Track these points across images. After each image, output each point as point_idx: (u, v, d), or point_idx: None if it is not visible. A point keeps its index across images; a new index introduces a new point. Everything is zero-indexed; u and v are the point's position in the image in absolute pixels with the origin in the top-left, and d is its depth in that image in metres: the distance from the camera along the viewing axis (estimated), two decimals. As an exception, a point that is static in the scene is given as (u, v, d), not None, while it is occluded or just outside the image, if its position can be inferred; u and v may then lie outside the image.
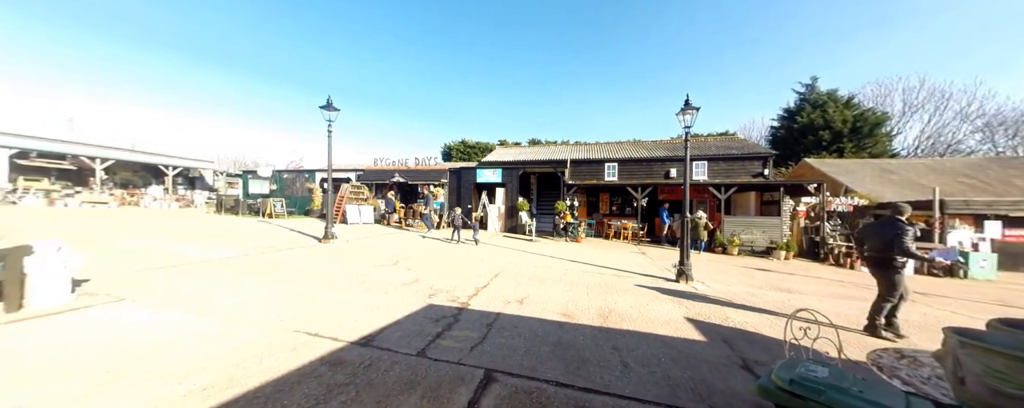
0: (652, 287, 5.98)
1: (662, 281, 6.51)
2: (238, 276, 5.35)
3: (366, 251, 8.39)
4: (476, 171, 16.23)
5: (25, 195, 15.68)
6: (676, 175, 15.38)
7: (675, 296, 5.43)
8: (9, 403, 2.09)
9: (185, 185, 26.43)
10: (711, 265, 8.93)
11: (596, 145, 20.60)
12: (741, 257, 10.78)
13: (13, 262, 3.38)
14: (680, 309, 4.74)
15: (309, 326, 3.51)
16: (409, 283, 5.43)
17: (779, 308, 5.03)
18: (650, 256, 9.99)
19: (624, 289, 5.73)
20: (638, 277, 6.79)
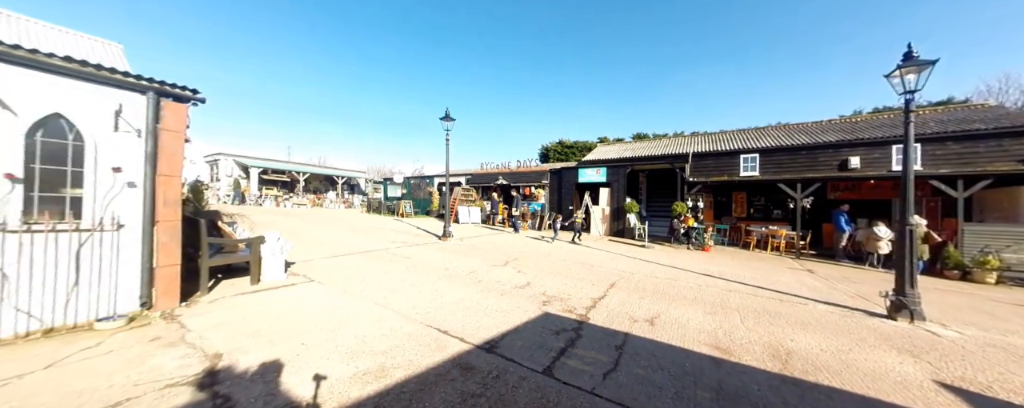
0: (847, 323, 4.26)
1: (862, 315, 4.60)
2: (383, 266, 6.32)
3: (478, 249, 8.91)
4: (577, 171, 15.57)
5: (265, 199, 23.30)
6: (858, 164, 11.15)
7: (897, 342, 3.68)
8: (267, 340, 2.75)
9: (348, 191, 34.51)
10: (949, 297, 5.97)
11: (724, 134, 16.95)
12: (1006, 289, 6.93)
13: (255, 248, 4.72)
14: (919, 365, 3.13)
15: (438, 322, 3.71)
16: (521, 286, 5.35)
17: None
18: (822, 275, 7.43)
19: (800, 321, 4.25)
20: (816, 305, 5.01)
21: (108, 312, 3.26)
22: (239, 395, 2.24)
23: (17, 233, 2.86)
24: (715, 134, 17.74)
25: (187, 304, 3.83)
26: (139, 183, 3.55)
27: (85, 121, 3.26)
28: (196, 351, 2.77)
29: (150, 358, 2.63)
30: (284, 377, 2.48)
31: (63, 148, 3.17)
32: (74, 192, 3.21)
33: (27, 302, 2.89)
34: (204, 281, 4.19)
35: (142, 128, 3.62)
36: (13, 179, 2.87)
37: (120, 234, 3.40)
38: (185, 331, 3.14)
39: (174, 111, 3.89)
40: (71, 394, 2.13)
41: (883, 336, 3.82)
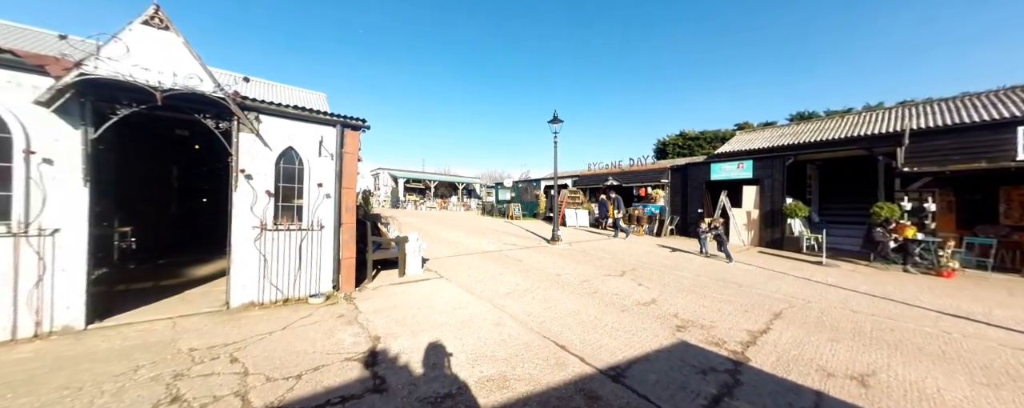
0: None
1: None
2: (498, 268, 6.63)
3: (589, 255, 8.42)
4: (709, 167, 12.99)
5: (407, 203, 28.76)
6: None
7: None
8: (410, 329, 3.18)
9: (466, 195, 39.08)
10: None
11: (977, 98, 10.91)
12: None
13: (402, 246, 5.65)
14: None
15: (555, 334, 3.51)
16: (646, 303, 4.65)
17: None
18: None
19: None
20: None
21: (315, 290, 4.41)
22: (391, 379, 2.56)
23: (271, 231, 4.17)
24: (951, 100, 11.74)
25: (359, 289, 4.85)
26: (332, 194, 4.70)
27: (304, 150, 4.51)
28: (363, 331, 3.40)
29: (337, 332, 3.36)
30: (423, 369, 2.73)
31: (292, 170, 4.46)
32: (298, 202, 4.48)
33: (276, 279, 4.17)
34: (369, 271, 5.25)
35: (334, 152, 4.77)
36: (270, 194, 4.19)
37: (322, 233, 4.56)
38: (357, 312, 3.93)
39: (351, 138, 5.00)
40: (294, 353, 2.87)
41: None
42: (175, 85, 3.52)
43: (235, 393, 2.29)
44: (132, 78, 3.29)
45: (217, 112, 3.91)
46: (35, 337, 2.97)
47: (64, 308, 3.13)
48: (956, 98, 11.59)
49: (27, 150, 3.06)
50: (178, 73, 3.59)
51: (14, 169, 3.03)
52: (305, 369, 2.63)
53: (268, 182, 4.21)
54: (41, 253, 3.07)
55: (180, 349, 2.87)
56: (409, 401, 2.30)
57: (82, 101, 3.25)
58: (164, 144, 6.72)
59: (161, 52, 3.55)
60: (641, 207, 14.66)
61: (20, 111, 3.06)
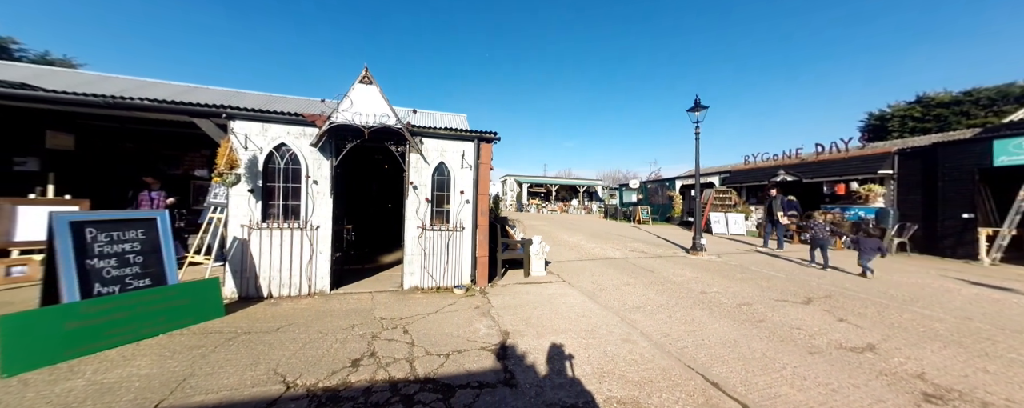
0: None
1: None
2: (625, 277, 6.09)
3: (748, 272, 6.67)
4: (990, 144, 8.09)
5: (531, 207, 30.50)
6: None
7: None
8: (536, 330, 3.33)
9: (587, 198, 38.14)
10: None
11: None
12: None
13: (526, 248, 5.96)
14: None
15: (704, 367, 2.89)
16: (856, 349, 3.27)
17: None
18: None
19: None
20: None
21: (458, 282, 5.18)
22: (520, 376, 2.69)
23: (429, 231, 5.17)
24: None
25: (491, 284, 5.41)
26: (471, 200, 5.44)
27: (450, 163, 5.41)
28: (495, 324, 3.73)
29: (474, 321, 3.82)
30: (548, 372, 2.74)
31: (442, 181, 5.41)
32: (446, 207, 5.39)
33: (431, 270, 5.14)
34: (498, 269, 5.78)
35: (472, 163, 5.52)
36: (428, 201, 5.22)
37: (463, 233, 5.34)
38: (490, 306, 4.37)
39: (485, 150, 5.66)
40: (443, 335, 3.43)
41: None
42: (375, 123, 4.86)
43: (406, 359, 2.90)
44: (353, 121, 4.75)
45: (397, 139, 5.17)
46: (308, 295, 4.66)
47: (321, 277, 4.79)
48: None
49: (307, 175, 4.86)
50: (376, 114, 4.95)
51: (301, 188, 4.85)
52: (452, 350, 3.08)
53: (427, 191, 5.24)
54: (312, 241, 4.80)
55: (375, 316, 3.89)
56: (536, 403, 2.34)
57: (330, 141, 4.91)
58: (368, 165, 9.44)
59: (368, 101, 4.96)
60: (838, 211, 10.59)
61: (305, 151, 4.89)
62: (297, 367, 2.72)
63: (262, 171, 4.64)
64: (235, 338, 3.23)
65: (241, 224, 4.49)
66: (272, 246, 4.58)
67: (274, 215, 4.69)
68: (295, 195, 4.79)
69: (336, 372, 2.65)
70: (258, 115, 4.64)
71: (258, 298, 4.42)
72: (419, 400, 2.33)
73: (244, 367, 2.70)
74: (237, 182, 4.40)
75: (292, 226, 4.68)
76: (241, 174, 4.44)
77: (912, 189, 9.43)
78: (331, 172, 4.92)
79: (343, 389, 2.43)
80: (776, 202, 9.36)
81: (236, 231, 4.47)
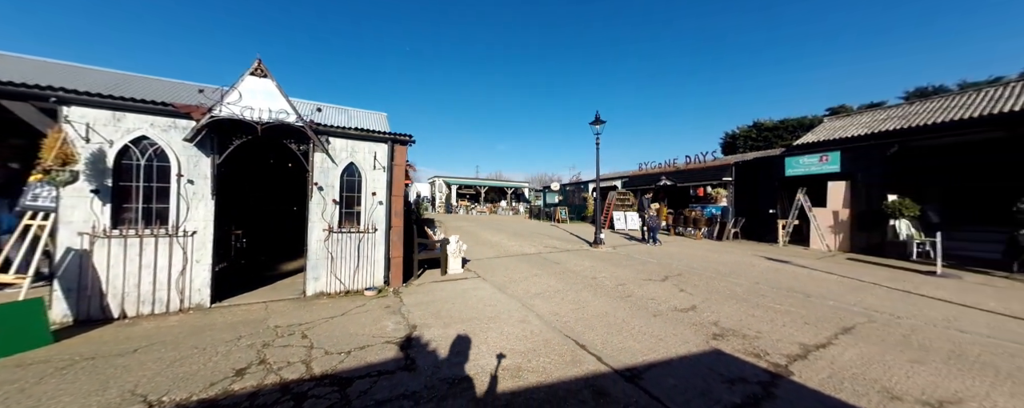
0: None
1: None
2: (534, 270, 6.80)
3: (632, 259, 8.09)
4: (783, 161, 11.41)
5: (460, 208, 30.54)
6: None
7: None
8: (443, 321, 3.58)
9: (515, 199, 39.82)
10: None
11: None
12: None
13: (443, 248, 6.19)
14: None
15: (577, 334, 3.58)
16: (683, 310, 4.40)
17: None
18: None
19: None
20: None
21: (370, 285, 5.12)
22: (421, 361, 2.94)
23: (337, 233, 4.99)
24: None
25: (406, 284, 5.48)
26: (384, 201, 5.42)
27: (362, 164, 5.31)
28: (405, 320, 3.89)
29: (382, 320, 3.91)
30: (447, 355, 3.06)
31: (353, 182, 5.28)
32: (357, 209, 5.27)
33: (339, 274, 4.97)
34: (415, 269, 5.88)
35: (385, 165, 5.51)
36: (336, 202, 5.03)
37: (376, 235, 5.29)
38: (401, 304, 4.48)
39: (400, 152, 5.71)
40: (346, 335, 3.45)
41: None
42: (271, 119, 4.50)
43: (302, 361, 2.88)
44: (242, 116, 4.32)
45: (299, 137, 4.87)
46: (180, 311, 4.06)
47: (197, 290, 4.21)
48: None
49: (179, 174, 4.23)
50: (272, 110, 4.59)
51: (170, 188, 4.20)
52: (354, 347, 3.16)
53: (335, 192, 5.05)
54: (186, 249, 4.19)
55: (269, 325, 3.66)
56: (432, 380, 2.63)
57: (211, 136, 4.36)
58: (265, 165, 8.40)
59: (262, 95, 4.57)
60: (699, 208, 13.44)
61: (176, 146, 4.25)
62: (163, 385, 2.48)
63: (113, 168, 3.89)
64: (72, 366, 2.72)
65: (79, 232, 3.69)
66: (127, 256, 3.87)
67: (130, 220, 3.96)
68: (162, 196, 4.13)
69: (215, 383, 2.51)
70: (107, 102, 3.88)
71: (105, 320, 3.69)
72: (313, 395, 2.39)
73: (88, 393, 2.34)
74: (73, 180, 3.61)
75: (157, 232, 4.03)
76: (79, 171, 3.65)
77: (743, 192, 12.64)
78: (212, 171, 4.38)
79: (224, 398, 2.34)
80: (644, 202, 11.48)
81: (71, 241, 3.65)
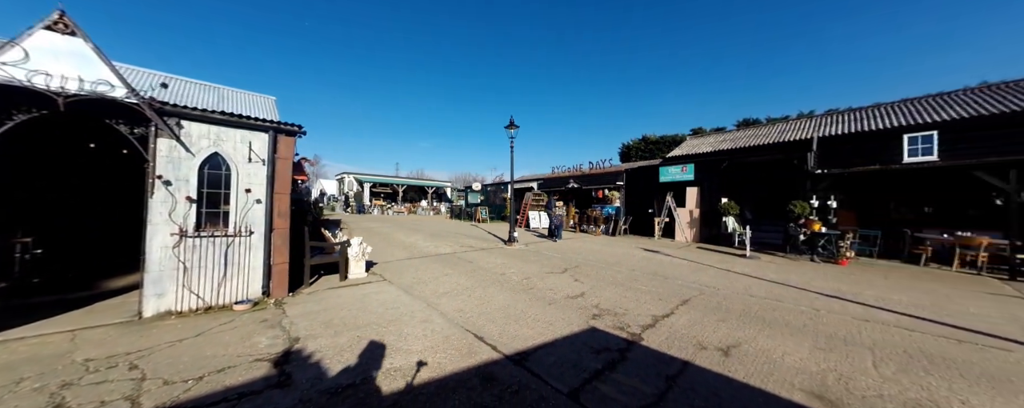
0: (1102, 390, 2.62)
1: None
2: (446, 269, 6.79)
3: (541, 255, 8.78)
4: (659, 169, 13.95)
5: (374, 208, 28.11)
6: None
7: None
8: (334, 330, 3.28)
9: (436, 199, 38.71)
10: None
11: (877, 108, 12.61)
12: None
13: (343, 251, 5.68)
14: None
15: (478, 327, 3.75)
16: (574, 297, 5.02)
17: None
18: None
19: (989, 375, 2.83)
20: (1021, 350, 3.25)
21: (242, 297, 4.36)
22: (298, 375, 2.68)
23: (193, 238, 4.10)
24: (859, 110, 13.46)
25: (293, 294, 4.84)
26: (263, 200, 4.68)
27: (231, 154, 4.48)
28: (284, 333, 3.46)
29: (254, 336, 3.39)
30: (333, 364, 2.86)
31: (218, 176, 4.41)
32: (225, 208, 4.43)
33: (197, 287, 4.10)
34: (306, 276, 5.24)
35: (265, 157, 4.77)
36: (191, 200, 4.13)
37: (251, 239, 4.53)
38: (283, 316, 3.96)
39: (286, 144, 5.01)
40: (201, 357, 2.90)
41: None
42: (81, 90, 3.44)
43: (125, 397, 2.31)
44: (29, 83, 3.19)
45: (132, 118, 3.83)
46: (-95, 357, 2.78)
47: (-58, 324, 2.95)
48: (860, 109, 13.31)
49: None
50: (86, 78, 3.51)
51: None
52: (209, 371, 2.68)
53: (190, 188, 4.14)
54: (-86, 267, 2.88)
55: (74, 360, 2.80)
56: (310, 393, 2.43)
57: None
58: (79, 150, 6.29)
59: (68, 57, 3.45)
60: (599, 208, 15.37)
61: None
62: None
63: None
64: None
65: None
66: None
67: None
68: None
69: (-35, 447, 1.83)
70: None
71: None
72: (138, 435, 1.96)
73: None
74: None
75: None
76: None
77: (632, 194, 15.01)
78: (-28, 155, 3.12)
79: (-20, 463, 1.73)
80: (551, 203, 12.74)
81: None
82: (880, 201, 10.42)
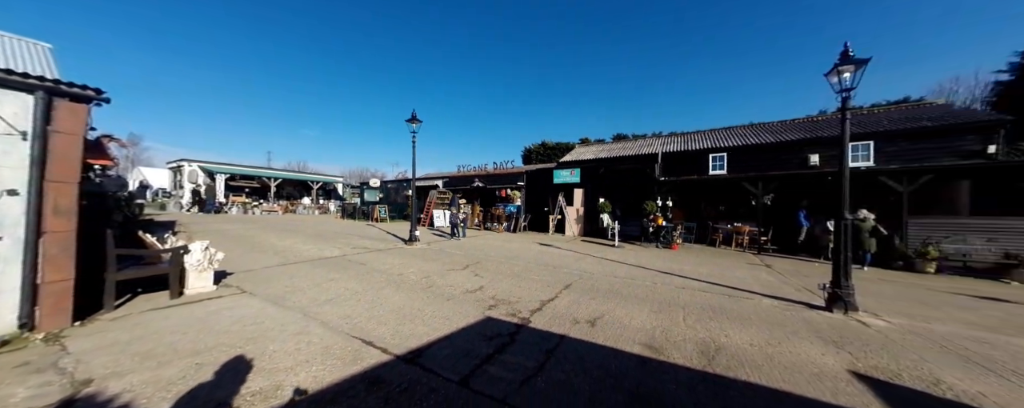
0: (785, 316, 4.31)
1: (802, 308, 4.68)
2: (331, 274, 6.03)
3: (443, 253, 8.70)
4: (553, 172, 15.62)
5: (232, 206, 22.30)
6: (818, 162, 11.61)
7: (827, 333, 3.74)
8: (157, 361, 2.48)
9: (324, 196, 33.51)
10: (887, 287, 6.21)
11: (696, 134, 17.33)
12: (943, 278, 7.28)
13: (177, 259, 4.38)
14: (840, 356, 3.16)
15: (367, 332, 3.50)
16: (473, 291, 5.19)
17: (1062, 376, 2.89)
18: (778, 271, 7.62)
19: (740, 316, 4.27)
20: (761, 299, 5.07)
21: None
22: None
23: None
24: (687, 134, 18.16)
25: (83, 323, 3.48)
26: (21, 190, 3.21)
27: (-52, 122, 2.91)
28: (63, 377, 2.47)
29: (3, 388, 2.32)
30: (152, 403, 2.22)
31: (-82, 152, 2.82)
32: (-68, 202, 2.85)
33: None
34: (110, 297, 3.83)
35: (28, 129, 3.28)
36: None
37: (2, 247, 3.05)
38: (62, 355, 2.82)
39: (71, 112, 3.56)
40: None
41: (815, 328, 3.87)
42: None
43: None
44: None
45: None
46: None
47: None
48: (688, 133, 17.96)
49: None
50: None
51: None
52: None
53: None
54: None
55: None
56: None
57: None
58: None
59: None
60: (502, 207, 16.18)
61: None
62: None
63: None
64: None
65: None
66: None
67: None
68: None
69: None
70: None
71: None
72: None
73: None
74: None
75: None
76: None
77: (531, 194, 16.37)
78: None
79: None
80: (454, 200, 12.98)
81: None
82: (696, 202, 14.29)
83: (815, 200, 10.63)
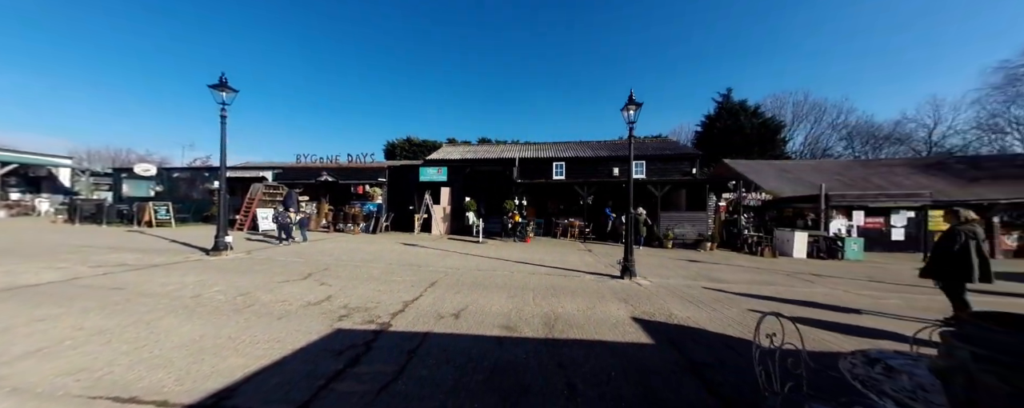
0: (598, 286, 5.74)
1: (607, 279, 6.35)
2: (40, 312, 3.74)
3: (271, 263, 6.90)
4: (420, 169, 15.01)
5: None
6: (619, 173, 16.06)
7: (621, 294, 5.23)
8: None
9: (27, 188, 20.29)
10: (650, 259, 9.22)
11: (544, 145, 20.71)
12: (674, 250, 11.46)
13: None
14: (626, 308, 4.50)
15: (128, 384, 2.38)
16: (316, 303, 4.37)
17: (715, 302, 5.10)
18: (596, 253, 10.01)
19: (571, 290, 5.38)
20: (584, 276, 6.56)
21: None
22: None
23: None
24: (538, 144, 21.32)
25: None
26: None
27: None
28: None
29: None
30: None
31: None
32: None
33: None
34: None
35: None
36: None
37: None
38: None
39: None
40: None
41: (613, 291, 5.36)
42: None
43: None
44: None
45: None
46: None
47: None
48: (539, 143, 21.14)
49: None
50: None
51: None
52: None
53: None
54: None
55: None
56: None
57: None
58: None
59: None
60: (359, 205, 14.30)
61: None
62: None
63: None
64: None
65: None
66: None
67: None
68: None
69: None
70: None
71: None
72: None
73: None
74: None
75: None
76: None
77: (395, 191, 15.22)
78: None
79: None
80: (291, 196, 10.80)
81: None
82: (544, 201, 16.98)
83: (616, 200, 14.65)
